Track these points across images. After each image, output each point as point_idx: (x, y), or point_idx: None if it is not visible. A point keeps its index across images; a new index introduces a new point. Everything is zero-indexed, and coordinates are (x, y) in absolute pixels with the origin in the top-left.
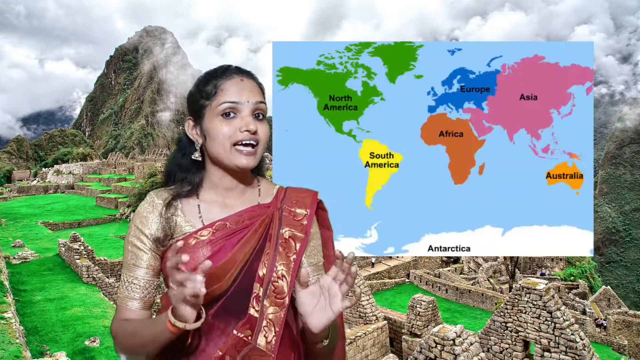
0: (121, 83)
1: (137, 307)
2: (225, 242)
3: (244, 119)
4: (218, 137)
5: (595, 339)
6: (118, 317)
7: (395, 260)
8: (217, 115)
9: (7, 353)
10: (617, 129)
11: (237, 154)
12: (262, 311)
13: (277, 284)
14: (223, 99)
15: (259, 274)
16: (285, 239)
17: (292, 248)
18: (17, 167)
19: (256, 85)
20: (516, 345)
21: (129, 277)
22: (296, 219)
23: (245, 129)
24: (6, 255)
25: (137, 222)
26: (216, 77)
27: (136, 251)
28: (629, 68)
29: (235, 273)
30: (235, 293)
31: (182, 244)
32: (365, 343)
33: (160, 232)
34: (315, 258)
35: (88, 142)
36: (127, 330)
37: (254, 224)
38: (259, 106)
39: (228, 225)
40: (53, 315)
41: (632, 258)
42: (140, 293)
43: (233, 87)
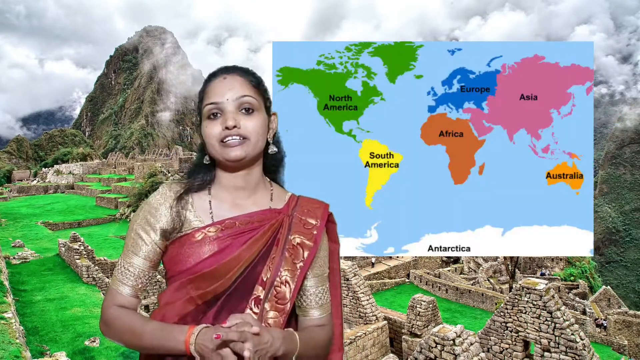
0: (121, 83)
1: (128, 293)
2: (233, 240)
3: (225, 116)
4: (208, 138)
5: (595, 339)
6: (112, 302)
7: (395, 260)
8: (206, 118)
9: (7, 353)
10: (617, 129)
11: (225, 148)
12: (261, 314)
13: (279, 289)
14: (207, 101)
15: (263, 277)
16: (294, 246)
17: (299, 255)
18: (17, 167)
19: (241, 79)
20: (516, 345)
21: (125, 263)
22: (306, 227)
23: (224, 125)
24: (6, 255)
25: (147, 212)
26: (207, 80)
27: (138, 240)
28: (629, 68)
29: (238, 272)
30: (236, 293)
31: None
32: (365, 343)
33: (168, 225)
34: (320, 270)
35: (88, 142)
36: (127, 326)
37: (263, 227)
38: (244, 100)
39: (237, 224)
40: (53, 315)
41: (632, 258)
42: (133, 281)
43: (215, 87)
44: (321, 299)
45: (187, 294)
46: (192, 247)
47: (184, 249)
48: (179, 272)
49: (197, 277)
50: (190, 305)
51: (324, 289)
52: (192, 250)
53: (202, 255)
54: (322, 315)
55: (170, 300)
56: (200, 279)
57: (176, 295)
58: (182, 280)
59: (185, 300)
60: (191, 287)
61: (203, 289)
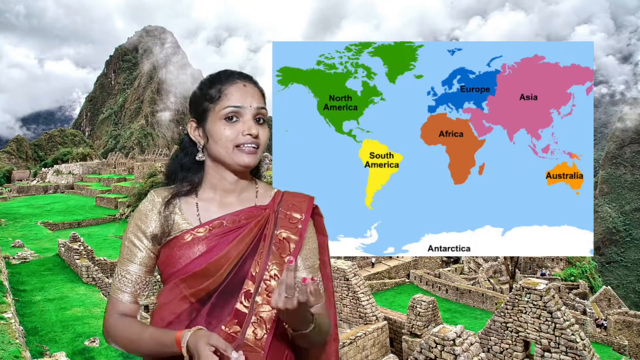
0: (121, 83)
1: (128, 300)
2: (221, 239)
3: (246, 123)
4: (221, 139)
5: (595, 339)
6: (113, 311)
7: (395, 260)
8: (221, 119)
9: (7, 353)
10: (617, 128)
11: (240, 153)
12: (252, 307)
13: (269, 282)
14: (227, 103)
15: (252, 272)
16: (280, 240)
17: (286, 249)
18: (16, 167)
19: (258, 90)
20: (516, 345)
21: (122, 271)
22: (292, 222)
23: (247, 132)
24: (6, 255)
25: (137, 219)
26: (220, 82)
27: (132, 247)
28: (629, 68)
29: (228, 269)
30: (228, 290)
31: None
32: (365, 343)
33: (158, 230)
34: (311, 260)
35: (88, 142)
36: (127, 334)
37: (250, 224)
38: (261, 111)
39: (225, 223)
40: (53, 316)
41: (633, 258)
42: (131, 287)
43: (236, 92)
44: None
45: (180, 293)
46: (182, 248)
47: (174, 251)
48: (171, 274)
49: (188, 277)
50: (185, 303)
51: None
52: (182, 252)
53: (192, 255)
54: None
55: (166, 300)
56: (192, 278)
57: (170, 295)
58: (175, 280)
59: (179, 299)
60: (184, 286)
61: (195, 287)
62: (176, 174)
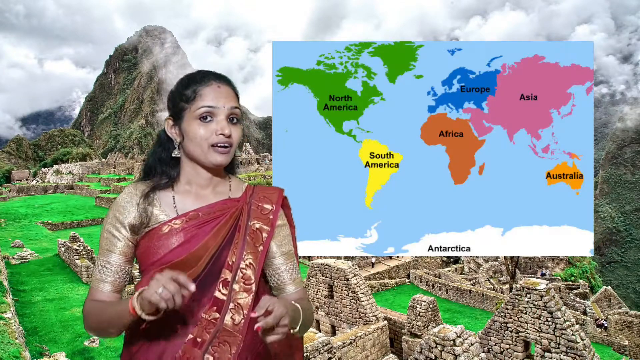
0: (120, 83)
1: (108, 289)
2: (198, 230)
3: (219, 123)
4: (196, 138)
5: (596, 340)
6: (90, 298)
7: (395, 261)
8: (196, 119)
9: (7, 353)
10: (617, 128)
11: (213, 152)
12: (229, 294)
13: (245, 271)
14: (201, 103)
15: (229, 261)
16: (254, 231)
17: (259, 239)
18: (16, 167)
19: (232, 91)
20: (517, 345)
21: (103, 262)
22: (263, 213)
23: (220, 132)
24: (5, 255)
25: (115, 211)
26: (196, 83)
27: (111, 238)
28: (629, 68)
29: (207, 259)
30: (206, 279)
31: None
32: (365, 343)
33: (136, 220)
34: (286, 247)
35: (87, 142)
36: (95, 309)
37: (225, 216)
38: (234, 111)
39: (200, 215)
40: (52, 316)
41: (633, 258)
42: (111, 277)
43: (211, 93)
44: (292, 274)
45: None
46: (161, 239)
47: (153, 242)
48: (151, 264)
49: (168, 267)
50: None
51: (293, 264)
52: (160, 243)
53: (171, 246)
54: (297, 288)
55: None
56: (172, 267)
57: None
58: (155, 270)
59: None
60: None
61: None
62: (155, 168)
